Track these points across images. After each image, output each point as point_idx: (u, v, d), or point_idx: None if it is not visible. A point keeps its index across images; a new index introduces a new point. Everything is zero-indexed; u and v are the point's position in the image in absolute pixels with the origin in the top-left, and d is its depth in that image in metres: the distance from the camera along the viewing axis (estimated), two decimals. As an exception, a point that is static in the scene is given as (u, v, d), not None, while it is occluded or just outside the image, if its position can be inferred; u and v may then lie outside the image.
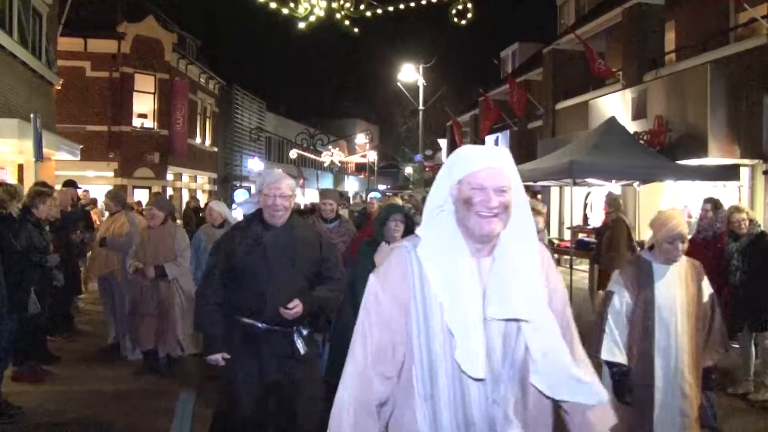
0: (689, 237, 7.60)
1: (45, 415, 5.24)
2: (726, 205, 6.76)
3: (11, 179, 13.23)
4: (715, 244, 6.38)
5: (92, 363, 6.82)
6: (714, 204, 6.67)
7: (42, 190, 6.02)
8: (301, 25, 8.89)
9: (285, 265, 3.53)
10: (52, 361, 6.62)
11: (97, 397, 5.72)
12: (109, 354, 7.14)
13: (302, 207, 24.68)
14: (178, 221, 18.49)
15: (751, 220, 5.87)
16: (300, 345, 3.53)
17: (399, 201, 8.33)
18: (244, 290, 3.53)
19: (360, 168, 51.26)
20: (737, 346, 6.06)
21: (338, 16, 9.10)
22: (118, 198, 7.72)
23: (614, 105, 13.65)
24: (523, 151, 18.66)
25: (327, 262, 3.71)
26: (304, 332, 3.57)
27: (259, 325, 3.49)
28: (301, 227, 3.74)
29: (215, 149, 32.66)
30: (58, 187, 9.20)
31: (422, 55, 26.62)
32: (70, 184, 9.54)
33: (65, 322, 7.90)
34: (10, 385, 5.82)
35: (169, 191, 26.04)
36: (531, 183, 11.74)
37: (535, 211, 4.99)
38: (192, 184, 29.98)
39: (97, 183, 22.61)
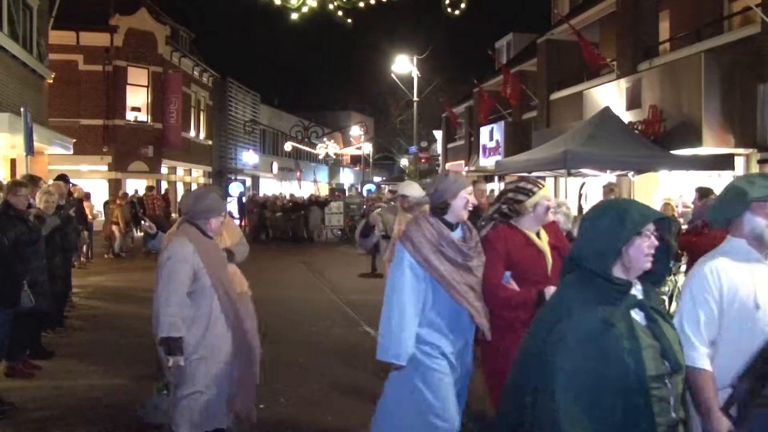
0: (685, 226, 7.60)
1: (38, 411, 5.21)
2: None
3: (4, 174, 13.18)
4: (706, 230, 6.43)
5: (85, 357, 6.79)
6: (702, 193, 6.69)
7: (14, 181, 6.09)
8: (294, 15, 8.81)
9: None
10: (45, 356, 6.60)
11: (91, 391, 5.69)
12: (101, 348, 7.09)
13: (300, 199, 24.69)
14: (174, 215, 18.30)
15: None
16: None
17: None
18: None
19: (355, 160, 51.19)
20: None
21: (331, 6, 9.03)
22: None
23: (608, 95, 13.61)
24: (517, 142, 18.65)
25: None
26: None
27: None
28: None
29: (209, 142, 32.58)
30: (51, 182, 9.19)
31: (416, 46, 26.56)
32: (62, 178, 9.65)
33: (57, 317, 7.87)
34: (2, 380, 5.82)
35: (164, 185, 25.98)
36: (525, 173, 11.70)
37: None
38: (186, 178, 29.92)
39: (91, 177, 22.58)
